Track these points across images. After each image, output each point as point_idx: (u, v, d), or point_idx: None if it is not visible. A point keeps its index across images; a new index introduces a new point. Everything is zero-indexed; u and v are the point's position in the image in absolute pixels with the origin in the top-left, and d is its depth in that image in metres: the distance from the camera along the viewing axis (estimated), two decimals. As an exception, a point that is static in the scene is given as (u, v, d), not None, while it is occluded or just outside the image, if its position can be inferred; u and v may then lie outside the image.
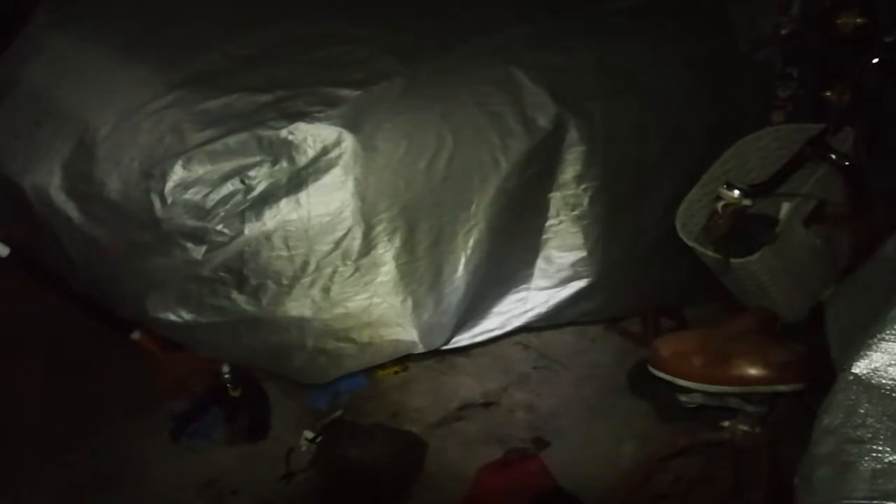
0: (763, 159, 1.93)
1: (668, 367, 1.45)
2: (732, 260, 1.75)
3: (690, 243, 1.85)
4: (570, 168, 2.05)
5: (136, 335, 2.21)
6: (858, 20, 2.00)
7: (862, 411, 0.94)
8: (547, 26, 2.15)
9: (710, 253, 1.82)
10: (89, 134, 1.95)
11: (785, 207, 1.81)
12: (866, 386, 0.96)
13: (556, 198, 2.07)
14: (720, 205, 1.64)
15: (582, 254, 2.12)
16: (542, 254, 2.11)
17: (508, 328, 2.13)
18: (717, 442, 1.52)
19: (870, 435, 0.92)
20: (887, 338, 0.96)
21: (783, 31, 2.15)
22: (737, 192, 1.62)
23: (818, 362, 1.31)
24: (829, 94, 1.94)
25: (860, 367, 0.97)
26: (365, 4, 2.21)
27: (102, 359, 2.33)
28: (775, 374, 1.40)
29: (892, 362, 0.95)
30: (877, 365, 0.96)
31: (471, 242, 1.95)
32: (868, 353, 0.97)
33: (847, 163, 1.69)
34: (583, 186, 2.06)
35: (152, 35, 2.12)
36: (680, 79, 2.21)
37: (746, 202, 1.61)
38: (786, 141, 1.94)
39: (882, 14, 2.00)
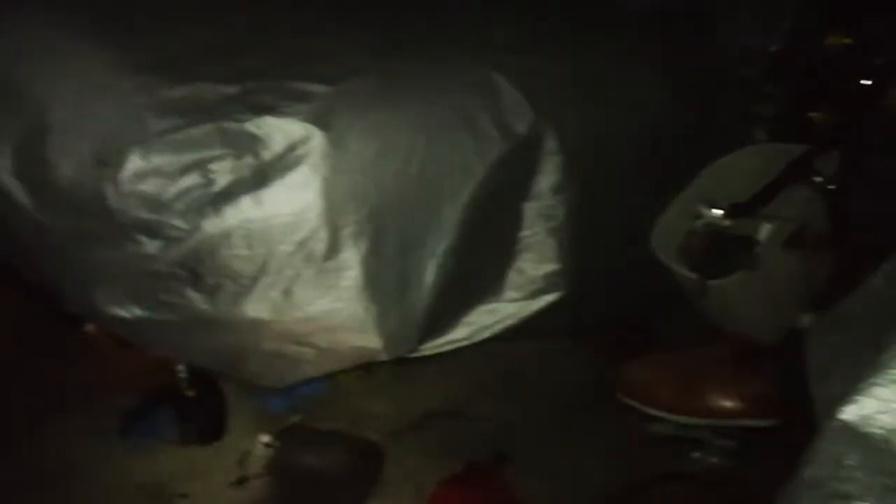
0: (745, 178, 1.88)
1: (638, 395, 1.39)
2: (709, 282, 1.70)
3: (665, 261, 1.80)
4: (547, 178, 1.99)
5: (89, 327, 2.12)
6: (847, 41, 1.97)
7: (850, 463, 0.86)
8: (528, 30, 2.09)
9: (685, 272, 1.77)
10: (43, 116, 1.85)
11: (765, 229, 1.76)
12: (855, 435, 0.87)
13: (530, 208, 2.01)
14: (699, 224, 1.59)
15: (555, 266, 2.06)
16: (515, 265, 2.05)
17: (477, 339, 2.07)
18: (686, 475, 1.46)
19: (859, 491, 0.84)
20: (880, 382, 0.88)
21: (770, 48, 2.10)
22: (717, 212, 1.56)
23: (794, 392, 1.26)
24: (813, 114, 1.91)
25: (849, 414, 0.88)
26: (338, -1, 2.14)
27: (53, 351, 2.25)
28: (750, 407, 1.34)
29: (884, 409, 0.87)
30: (867, 412, 0.87)
31: (440, 250, 1.88)
32: (858, 398, 0.88)
33: (831, 186, 1.65)
34: (559, 197, 2.01)
35: (119, 16, 2.02)
36: (661, 91, 2.16)
37: (727, 222, 1.56)
38: (769, 160, 1.89)
39: (871, 36, 1.96)
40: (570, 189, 2.02)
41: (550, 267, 2.06)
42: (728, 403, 1.35)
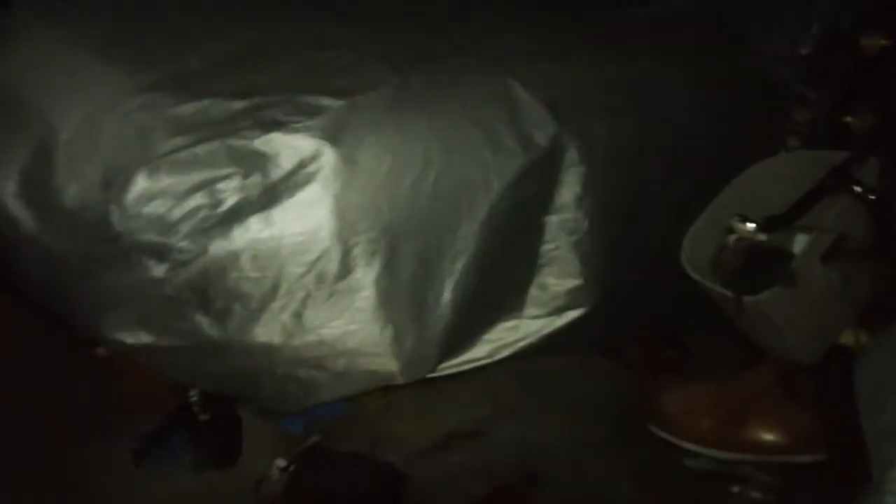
0: (778, 187, 1.78)
1: (674, 428, 1.29)
2: (744, 299, 1.60)
3: (696, 277, 1.70)
4: (569, 190, 1.91)
5: (101, 350, 2.08)
6: (883, 41, 1.88)
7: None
8: (547, 38, 2.02)
9: (717, 288, 1.67)
10: (50, 137, 1.81)
11: (801, 241, 1.66)
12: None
13: (552, 221, 1.93)
14: (732, 238, 1.49)
15: (579, 281, 1.99)
16: (536, 280, 1.98)
17: (498, 357, 2.00)
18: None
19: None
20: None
21: (802, 51, 2.00)
22: (751, 226, 1.47)
23: (842, 423, 1.16)
24: (849, 118, 1.82)
25: None
26: (355, 8, 2.07)
27: (65, 374, 2.20)
28: (795, 441, 1.24)
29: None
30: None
31: (458, 267, 1.81)
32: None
33: (873, 196, 1.55)
34: (582, 210, 1.93)
35: (127, 34, 1.98)
36: (688, 97, 2.08)
37: (761, 237, 1.46)
38: (803, 168, 1.79)
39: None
40: (593, 201, 1.94)
41: (574, 282, 1.99)
42: (771, 437, 1.25)
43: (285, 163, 1.67)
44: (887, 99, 1.88)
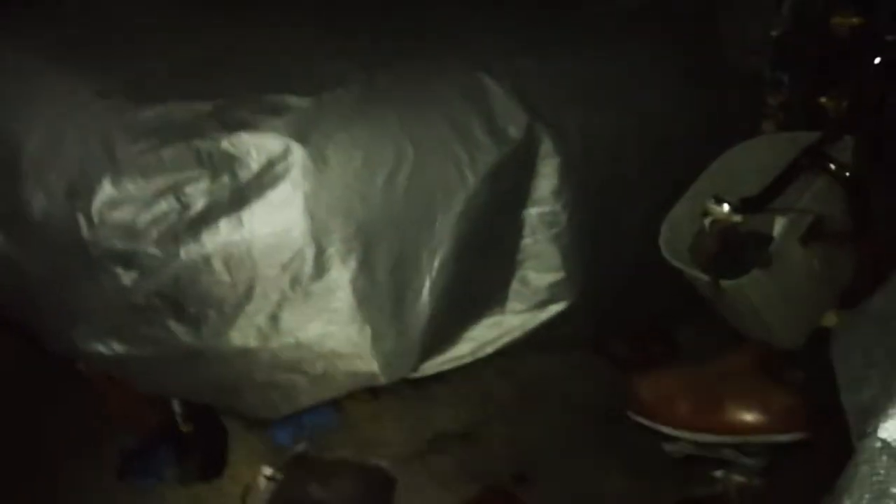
0: (755, 171, 1.76)
1: (650, 413, 1.27)
2: (722, 282, 1.58)
3: (676, 263, 1.68)
4: (546, 182, 1.89)
5: (80, 365, 2.05)
6: (855, 20, 1.87)
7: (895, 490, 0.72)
8: (519, 32, 2.00)
9: (697, 274, 1.65)
10: (14, 148, 1.78)
11: (779, 224, 1.64)
12: (897, 457, 0.73)
13: (531, 215, 1.90)
14: (708, 221, 1.47)
15: (560, 275, 1.96)
16: (517, 275, 1.95)
17: (481, 354, 1.96)
18: (710, 498, 1.33)
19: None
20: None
21: (773, 33, 1.99)
22: (726, 207, 1.45)
23: (821, 400, 1.13)
24: (824, 100, 1.81)
25: (889, 432, 0.76)
26: (321, 8, 2.05)
27: (47, 390, 2.18)
28: (775, 421, 1.21)
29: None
30: (911, 428, 0.74)
31: (436, 264, 1.78)
32: (898, 412, 0.75)
33: (847, 174, 1.53)
34: (560, 203, 1.90)
35: (88, 40, 1.95)
36: (663, 88, 2.06)
37: (737, 218, 1.45)
38: (779, 150, 1.77)
39: (881, 11, 1.84)
40: (571, 192, 1.92)
41: (555, 276, 1.96)
42: (750, 418, 1.22)
43: (254, 163, 1.64)
44: (861, 78, 1.86)
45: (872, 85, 1.80)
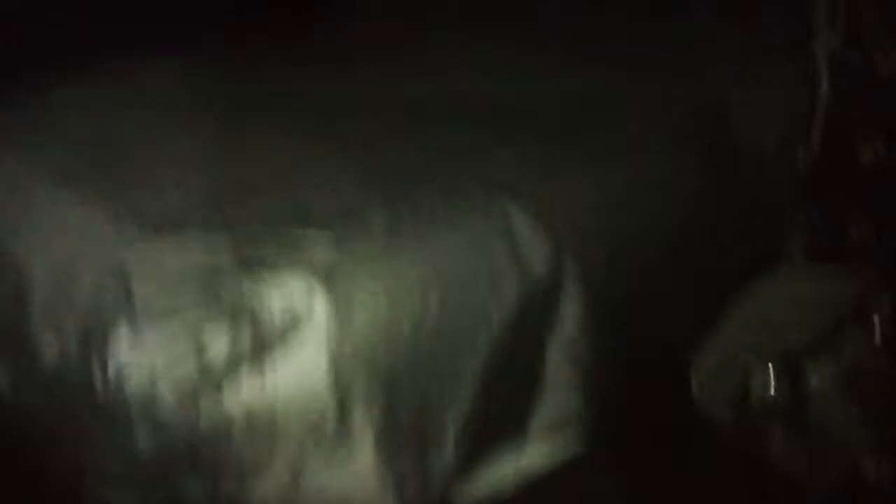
0: (786, 309, 1.72)
1: None
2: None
3: (718, 417, 1.63)
4: (569, 315, 1.84)
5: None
6: (882, 150, 1.85)
7: None
8: (538, 153, 1.96)
9: (738, 428, 1.60)
10: (20, 276, 1.70)
11: (819, 372, 1.60)
12: None
13: (554, 348, 1.85)
14: (754, 384, 1.43)
15: (583, 404, 1.90)
16: (539, 409, 1.88)
17: (503, 492, 1.88)
18: None
19: None
20: None
21: (800, 163, 1.97)
22: (772, 374, 1.41)
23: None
24: (850, 228, 1.78)
25: None
26: (336, 127, 2.00)
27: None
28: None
29: None
30: None
31: (461, 404, 1.72)
32: None
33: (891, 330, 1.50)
34: (583, 334, 1.85)
35: (100, 162, 1.88)
36: (685, 204, 2.03)
37: (784, 389, 1.40)
38: (811, 288, 1.74)
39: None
40: (593, 321, 1.86)
41: (578, 407, 1.90)
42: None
43: (276, 307, 1.56)
44: (886, 208, 1.84)
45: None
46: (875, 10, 1.75)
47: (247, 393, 1.55)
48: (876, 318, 1.52)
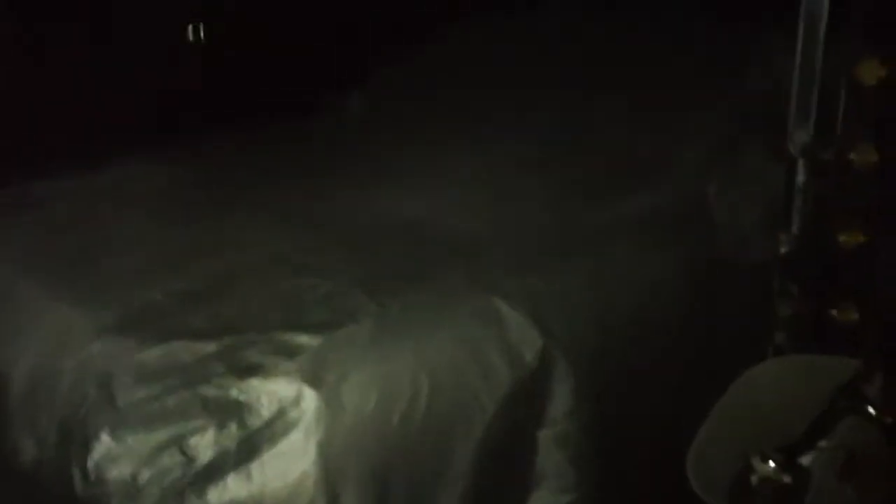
0: (778, 398, 1.71)
1: None
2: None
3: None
4: (560, 403, 1.82)
5: None
6: (861, 238, 1.87)
7: None
8: (528, 244, 1.97)
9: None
10: (1, 384, 1.66)
11: (817, 461, 1.57)
12: None
13: (544, 436, 1.82)
14: (755, 479, 1.41)
15: (574, 495, 1.86)
16: (531, 497, 1.85)
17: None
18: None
19: None
20: None
21: (782, 250, 1.99)
22: (772, 465, 1.39)
23: None
24: (834, 312, 1.78)
25: None
26: (324, 224, 2.00)
27: None
28: None
29: None
30: None
31: (452, 494, 1.68)
32: None
33: (889, 419, 1.49)
34: (574, 422, 1.83)
35: (80, 265, 1.86)
36: (672, 292, 2.04)
37: (787, 479, 1.38)
38: (802, 376, 1.73)
39: (883, 235, 1.86)
40: (584, 412, 1.84)
41: (570, 496, 1.86)
42: None
43: (264, 410, 1.54)
44: (868, 293, 1.85)
45: (881, 305, 1.79)
46: (847, 108, 1.79)
47: (233, 494, 1.50)
48: (868, 399, 1.51)
